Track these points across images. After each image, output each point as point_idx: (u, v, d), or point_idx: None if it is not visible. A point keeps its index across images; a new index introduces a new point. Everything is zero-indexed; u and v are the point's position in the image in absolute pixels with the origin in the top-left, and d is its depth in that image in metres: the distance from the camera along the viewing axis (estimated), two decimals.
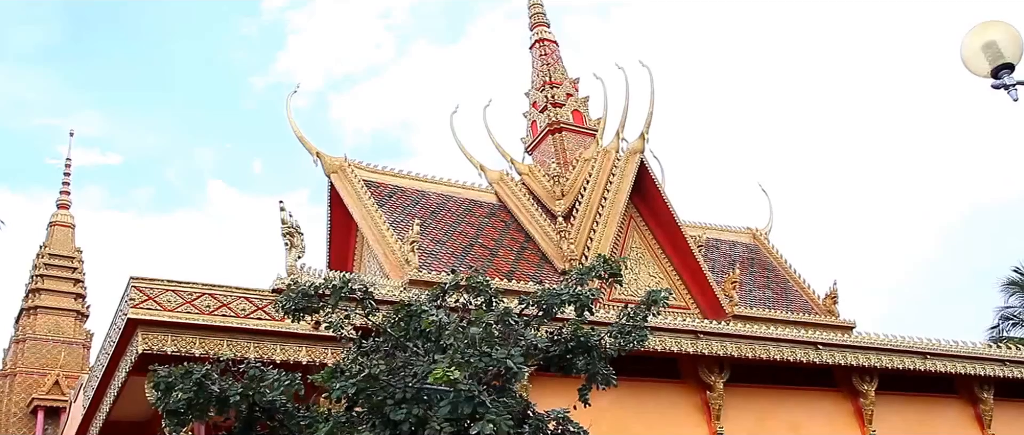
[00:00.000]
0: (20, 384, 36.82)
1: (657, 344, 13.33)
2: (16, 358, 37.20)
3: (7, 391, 36.71)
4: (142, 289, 10.73)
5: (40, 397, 36.19)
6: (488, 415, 6.58)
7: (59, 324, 38.47)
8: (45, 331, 38.02)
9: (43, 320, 38.15)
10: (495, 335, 7.78)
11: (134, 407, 11.85)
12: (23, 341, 37.45)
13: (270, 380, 7.50)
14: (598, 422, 8.62)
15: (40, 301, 38.30)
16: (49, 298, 38.67)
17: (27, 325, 37.70)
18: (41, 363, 37.35)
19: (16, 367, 37.01)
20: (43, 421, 35.89)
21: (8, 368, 37.25)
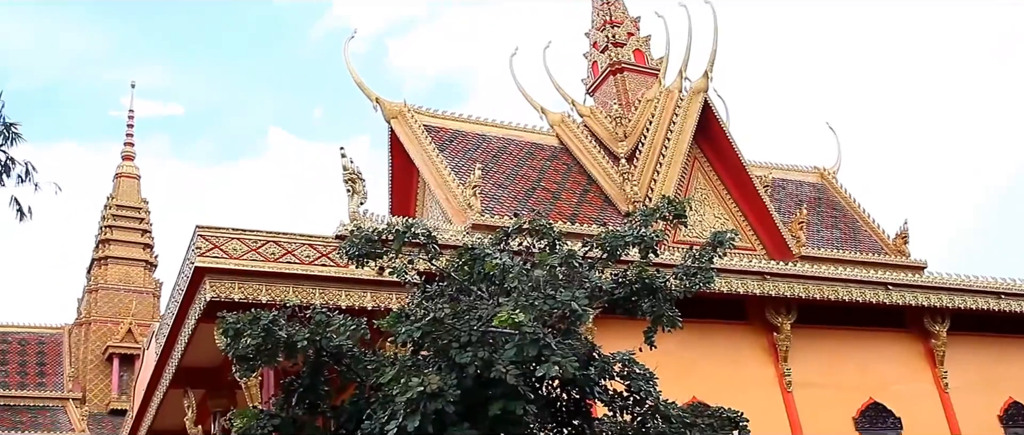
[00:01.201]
0: (95, 332, 38.07)
1: (723, 286, 13.14)
2: (90, 307, 38.42)
3: (83, 339, 37.99)
4: (208, 238, 10.85)
5: (114, 345, 37.38)
6: (553, 357, 6.52)
7: (129, 274, 39.56)
8: (116, 281, 39.14)
9: (114, 270, 39.26)
10: (559, 278, 7.70)
11: (205, 353, 12.09)
12: (96, 291, 38.63)
13: (336, 325, 7.53)
14: (664, 364, 8.50)
15: (110, 252, 39.39)
16: (118, 248, 39.73)
17: (99, 275, 38.85)
18: (114, 312, 38.52)
19: (90, 316, 38.24)
20: (118, 368, 37.12)
21: (83, 317, 38.51)
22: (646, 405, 7.86)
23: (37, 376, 36.66)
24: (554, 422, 7.99)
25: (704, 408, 8.27)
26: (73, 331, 38.81)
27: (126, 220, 40.20)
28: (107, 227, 39.75)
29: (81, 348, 37.87)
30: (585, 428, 8.03)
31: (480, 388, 6.76)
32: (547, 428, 7.98)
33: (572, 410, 7.99)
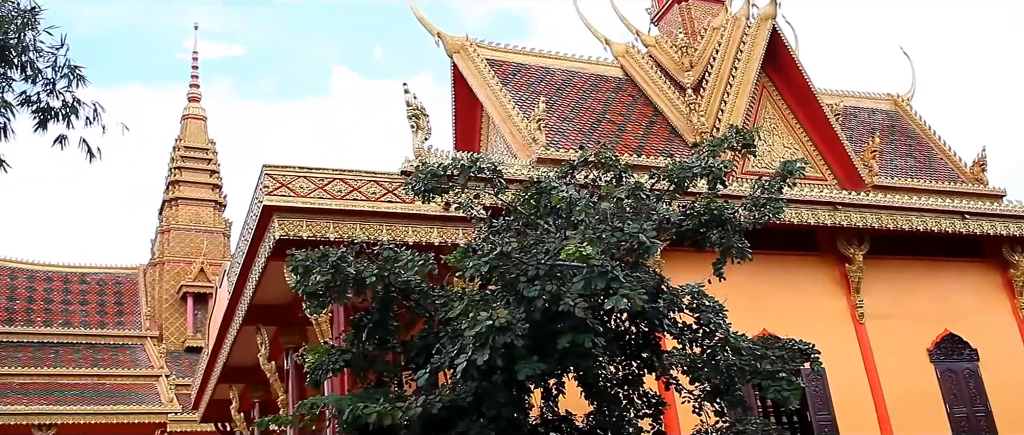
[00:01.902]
0: (169, 272, 39.17)
1: (793, 217, 12.88)
2: (163, 248, 39.49)
3: (158, 279, 39.13)
4: (275, 176, 10.95)
5: (188, 284, 38.44)
6: (622, 290, 6.45)
7: (199, 214, 40.45)
8: (187, 221, 40.08)
9: (184, 210, 40.17)
10: (626, 210, 7.59)
11: (275, 290, 12.30)
12: (168, 231, 39.64)
13: (404, 261, 7.56)
14: (733, 296, 8.38)
15: (180, 193, 40.27)
16: (188, 189, 40.58)
17: (170, 216, 39.83)
18: (186, 252, 39.53)
19: (164, 256, 39.32)
20: (192, 306, 38.20)
21: (157, 257, 39.62)
22: (716, 337, 7.78)
23: (116, 315, 37.96)
24: (623, 355, 7.97)
25: (774, 340, 8.15)
26: (148, 271, 39.99)
27: (194, 161, 41.00)
28: (176, 168, 40.61)
29: (156, 288, 39.04)
30: (654, 361, 8.00)
31: (548, 321, 6.75)
32: (616, 361, 7.97)
33: (641, 343, 7.96)
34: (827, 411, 12.98)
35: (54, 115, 8.92)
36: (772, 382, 7.54)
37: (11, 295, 37.09)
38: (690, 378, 8.06)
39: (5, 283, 37.54)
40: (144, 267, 40.39)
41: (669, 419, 9.25)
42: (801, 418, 12.86)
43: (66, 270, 39.39)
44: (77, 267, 39.83)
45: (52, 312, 37.03)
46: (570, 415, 8.08)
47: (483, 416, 6.87)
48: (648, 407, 8.22)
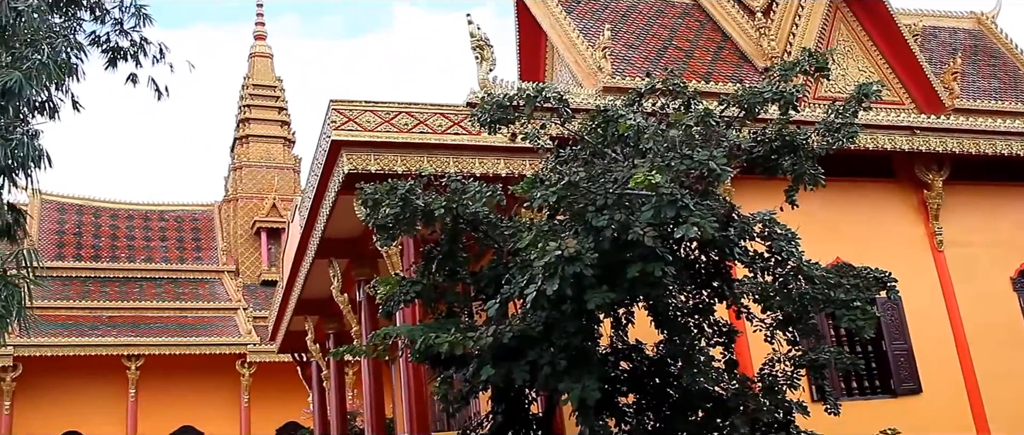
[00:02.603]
0: (242, 208, 40.08)
1: (868, 142, 12.51)
2: (236, 184, 40.37)
3: (232, 215, 40.11)
4: (342, 111, 11.01)
5: (261, 219, 39.32)
6: (692, 218, 6.38)
7: (269, 151, 41.15)
8: (258, 158, 40.83)
9: (255, 148, 40.90)
10: (695, 137, 7.48)
11: (346, 224, 12.47)
12: (240, 168, 40.46)
13: (472, 192, 7.58)
14: (806, 224, 8.23)
15: (250, 130, 40.95)
16: (258, 127, 41.23)
17: (241, 153, 40.60)
18: (258, 188, 40.35)
19: (237, 193, 40.21)
20: (266, 241, 39.13)
21: (230, 194, 40.55)
22: (788, 266, 7.69)
23: (194, 251, 39.11)
24: (693, 284, 7.93)
25: (849, 268, 8.01)
26: (222, 208, 41.00)
27: (263, 99, 41.57)
28: (246, 107, 41.25)
29: (231, 223, 40.04)
30: (725, 289, 7.94)
31: (617, 251, 6.72)
32: (686, 290, 7.93)
33: (711, 271, 7.90)
34: (903, 340, 12.77)
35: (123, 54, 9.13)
36: (846, 311, 7.43)
37: (96, 233, 38.46)
38: (762, 307, 8.00)
39: (90, 221, 38.91)
40: (219, 204, 41.43)
41: (740, 348, 9.20)
42: (876, 347, 12.68)
43: (146, 208, 40.64)
44: (156, 205, 41.05)
45: (134, 248, 38.33)
46: (640, 344, 8.10)
47: (553, 345, 6.93)
48: (719, 336, 8.20)
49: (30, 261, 8.28)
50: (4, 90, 7.92)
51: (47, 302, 33.18)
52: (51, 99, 8.97)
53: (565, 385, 6.79)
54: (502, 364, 7.10)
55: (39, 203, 38.08)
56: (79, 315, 33.22)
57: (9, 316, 7.64)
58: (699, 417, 7.70)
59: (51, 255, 36.01)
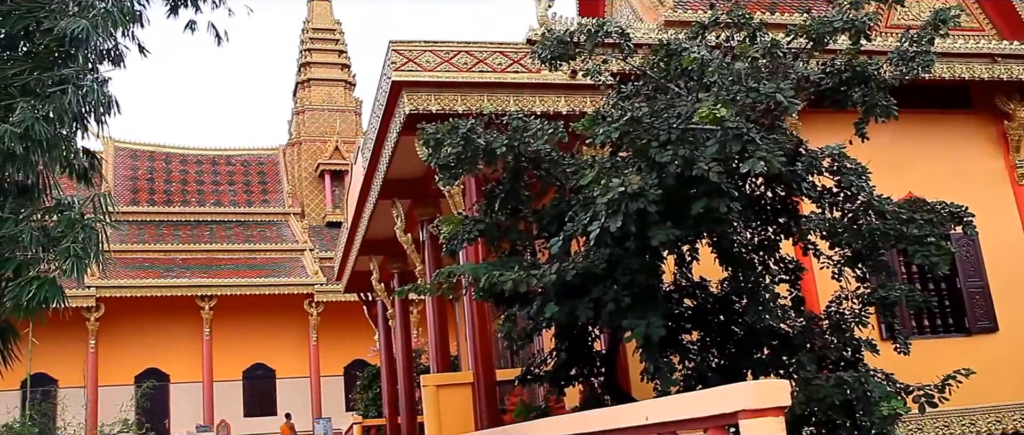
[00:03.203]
0: (306, 151, 40.63)
1: (945, 71, 12.06)
2: (299, 128, 40.88)
3: (296, 158, 40.70)
4: (401, 52, 11.00)
5: (324, 162, 39.83)
6: (758, 153, 6.24)
7: (331, 94, 41.47)
8: (320, 102, 41.20)
9: (317, 91, 41.25)
10: (761, 70, 7.30)
11: (408, 165, 12.55)
12: (303, 112, 40.92)
13: (533, 130, 7.53)
14: (876, 158, 8.00)
15: (312, 74, 41.27)
16: (319, 70, 41.52)
17: (303, 97, 41.02)
18: (320, 131, 40.80)
19: (300, 136, 40.74)
20: (330, 183, 39.67)
21: (294, 137, 41.09)
22: (857, 201, 7.50)
23: (261, 193, 39.86)
24: (759, 220, 7.80)
25: (922, 203, 7.79)
26: (286, 151, 41.62)
27: (323, 42, 41.78)
28: (306, 50, 41.53)
29: (295, 166, 40.65)
30: (791, 225, 7.81)
31: (682, 187, 6.63)
32: (751, 226, 7.82)
33: (777, 207, 7.76)
34: (979, 277, 12.44)
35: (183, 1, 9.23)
36: (919, 246, 7.25)
37: (167, 178, 39.42)
38: (830, 243, 7.85)
39: (161, 167, 39.87)
40: (283, 147, 42.05)
41: (807, 285, 9.07)
42: (950, 284, 12.38)
43: (213, 153, 41.46)
44: (223, 150, 41.84)
45: (204, 192, 39.23)
46: (704, 281, 8.04)
47: (617, 282, 6.90)
48: (785, 273, 8.08)
49: (106, 205, 8.51)
50: (72, 38, 8.07)
51: (124, 245, 34.25)
52: (117, 46, 9.12)
53: (629, 322, 6.78)
54: (565, 301, 7.12)
55: (112, 150, 39.09)
56: (154, 258, 34.26)
57: (87, 258, 7.89)
58: (764, 354, 7.64)
59: (126, 200, 37.05)
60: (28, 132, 7.66)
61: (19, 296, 7.39)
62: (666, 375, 6.94)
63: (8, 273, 7.57)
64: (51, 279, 7.67)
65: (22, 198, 8.38)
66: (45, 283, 7.53)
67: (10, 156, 7.59)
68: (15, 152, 7.57)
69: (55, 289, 7.60)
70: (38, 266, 7.81)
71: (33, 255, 7.79)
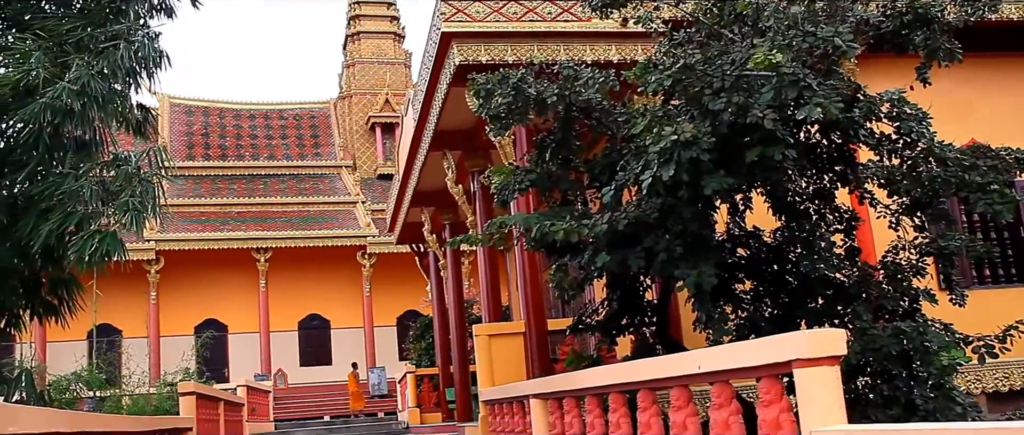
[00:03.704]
0: (356, 104, 40.84)
1: (1013, 11, 11.62)
2: (350, 81, 41.06)
3: (347, 111, 40.94)
4: (451, 3, 10.94)
5: (375, 115, 40.02)
6: (815, 99, 6.12)
7: (380, 47, 41.50)
8: (370, 55, 41.28)
9: (366, 44, 41.31)
10: (819, 13, 7.10)
11: (458, 116, 12.56)
12: (353, 65, 41.06)
13: (584, 79, 7.46)
14: (938, 104, 7.78)
15: (361, 27, 41.31)
16: (368, 23, 41.54)
17: (353, 50, 41.13)
18: (370, 84, 40.94)
19: (351, 90, 40.94)
20: (381, 135, 39.89)
21: (345, 91, 41.32)
22: (917, 147, 7.31)
23: (313, 147, 40.26)
24: (814, 168, 7.67)
25: (985, 150, 7.55)
26: (337, 104, 41.90)
27: None
28: (356, 3, 41.52)
29: (346, 119, 40.93)
30: (848, 174, 7.66)
31: (735, 134, 6.53)
32: (806, 175, 7.68)
33: (833, 155, 7.61)
34: None
35: None
36: (982, 194, 7.06)
37: (222, 133, 39.98)
38: (887, 191, 7.68)
39: (215, 122, 40.43)
40: (334, 101, 42.34)
41: (862, 235, 8.90)
42: (1014, 234, 12.07)
43: (266, 107, 41.92)
44: (275, 104, 42.27)
45: (257, 147, 39.75)
46: (758, 230, 7.95)
47: (669, 232, 6.86)
48: (840, 222, 7.95)
49: (160, 158, 8.67)
50: None
51: (181, 200, 34.93)
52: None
53: (681, 271, 6.75)
54: (617, 251, 7.10)
55: (168, 106, 39.71)
56: (210, 211, 34.91)
57: (145, 211, 8.06)
58: (818, 304, 7.55)
59: (182, 155, 37.69)
60: (84, 88, 7.80)
61: (81, 249, 7.57)
62: (718, 324, 6.92)
63: (71, 227, 7.75)
64: (111, 233, 7.84)
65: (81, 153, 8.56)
66: (106, 237, 7.70)
67: (68, 113, 7.74)
68: (73, 109, 7.71)
69: (115, 242, 7.77)
70: (98, 220, 7.98)
71: (94, 209, 7.95)
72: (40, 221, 7.76)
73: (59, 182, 7.94)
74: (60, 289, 9.01)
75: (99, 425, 6.80)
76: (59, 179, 8.01)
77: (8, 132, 8.57)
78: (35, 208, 7.98)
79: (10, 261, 8.17)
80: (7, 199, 8.17)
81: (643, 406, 6.14)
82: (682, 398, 5.61)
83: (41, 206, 7.96)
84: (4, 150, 8.50)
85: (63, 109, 7.72)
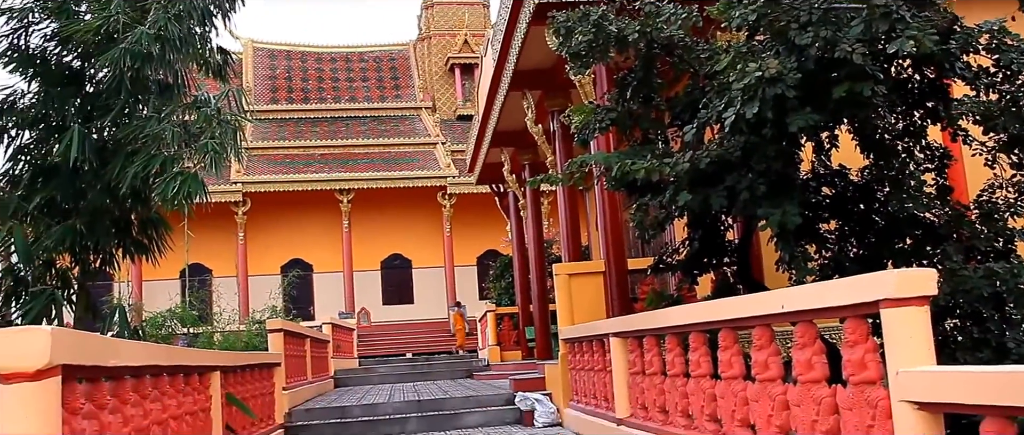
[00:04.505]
0: (435, 46, 40.90)
1: None
2: (428, 23, 41.10)
3: (426, 53, 41.06)
4: None
5: (454, 56, 40.08)
6: (908, 31, 5.90)
7: None
8: None
9: None
10: None
11: (538, 55, 12.50)
12: (431, 7, 41.04)
13: (666, 15, 7.33)
14: None
15: None
16: None
17: None
18: (449, 25, 40.90)
19: (429, 31, 40.99)
20: (460, 76, 39.96)
21: (423, 33, 41.39)
22: (1018, 81, 7.01)
23: (393, 89, 40.59)
24: (904, 104, 7.41)
25: None
26: (416, 46, 42.04)
27: None
28: None
29: (425, 61, 41.08)
30: (940, 110, 7.39)
31: (822, 70, 6.36)
32: (896, 111, 7.44)
33: (926, 91, 7.34)
34: None
35: None
36: None
37: (304, 76, 40.60)
38: (983, 128, 7.40)
39: (297, 66, 41.04)
40: (413, 42, 42.49)
41: (954, 173, 8.62)
42: None
43: (347, 50, 42.34)
44: (355, 47, 42.65)
45: (339, 89, 40.27)
46: (844, 169, 7.77)
47: (752, 170, 6.76)
48: (931, 161, 7.70)
49: (239, 100, 8.81)
50: None
51: (265, 143, 35.73)
52: None
53: (764, 210, 6.65)
54: (698, 190, 7.03)
55: (252, 51, 40.42)
56: (294, 154, 35.66)
57: (225, 153, 8.24)
58: (907, 244, 7.37)
59: (266, 99, 38.45)
60: (161, 33, 7.98)
61: (164, 191, 7.78)
62: (802, 264, 6.83)
63: (154, 169, 7.96)
64: (193, 174, 7.97)
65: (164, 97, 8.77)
66: (187, 178, 7.86)
67: (147, 57, 7.94)
68: (151, 53, 7.90)
69: (197, 183, 7.90)
70: (181, 162, 8.18)
71: (176, 152, 8.14)
72: (126, 164, 7.93)
73: (143, 125, 8.11)
74: (149, 229, 9.28)
75: (194, 359, 7.09)
76: (143, 122, 8.18)
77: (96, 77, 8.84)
78: (122, 151, 8.20)
79: (102, 202, 8.41)
80: (97, 143, 8.45)
81: (724, 345, 6.14)
82: (764, 338, 5.59)
83: (127, 149, 8.18)
84: (93, 95, 8.77)
85: (142, 53, 7.92)
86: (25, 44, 8.62)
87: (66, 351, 3.91)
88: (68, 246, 8.32)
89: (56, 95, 8.53)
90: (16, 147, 8.69)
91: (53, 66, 8.72)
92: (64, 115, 8.56)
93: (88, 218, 8.35)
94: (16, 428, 3.61)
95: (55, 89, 8.57)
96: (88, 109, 8.61)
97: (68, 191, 8.41)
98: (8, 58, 8.57)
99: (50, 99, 8.53)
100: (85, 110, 8.59)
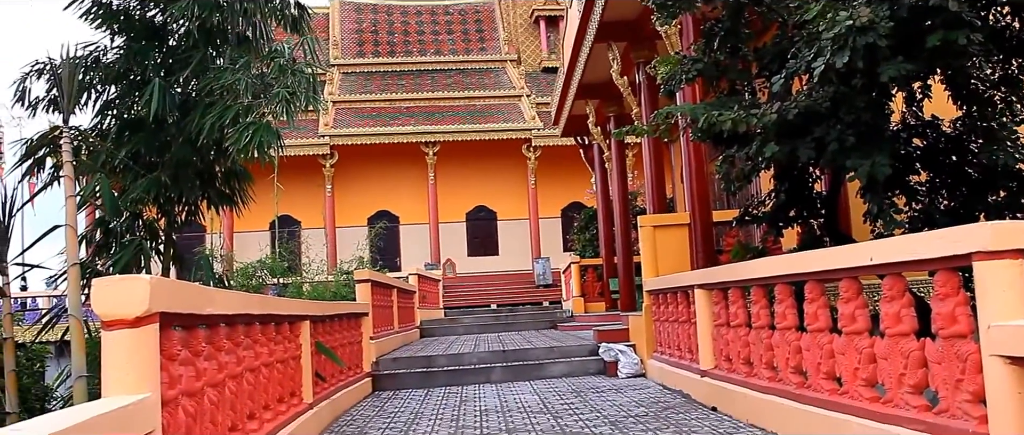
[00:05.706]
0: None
1: None
2: None
3: (511, 5, 40.96)
4: None
5: (539, 8, 39.90)
6: None
7: None
8: None
9: None
10: None
11: (623, 6, 12.44)
12: None
13: None
14: None
15: None
16: None
17: None
18: None
19: None
20: (545, 28, 39.80)
21: None
22: None
23: (478, 42, 40.67)
24: (1001, 53, 7.19)
25: None
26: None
27: None
28: None
29: (510, 13, 40.99)
30: None
31: (916, 18, 6.22)
32: (992, 60, 7.23)
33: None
34: None
35: None
36: None
37: (390, 29, 40.99)
38: None
39: (383, 19, 41.43)
40: None
41: None
42: None
43: (432, 3, 42.51)
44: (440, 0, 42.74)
45: (424, 42, 40.55)
46: (936, 120, 7.60)
47: (840, 121, 6.68)
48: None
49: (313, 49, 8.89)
50: None
51: (353, 96, 36.34)
52: None
53: (853, 162, 6.58)
54: (786, 141, 6.99)
55: (338, 5, 40.94)
56: (381, 107, 36.20)
57: (298, 100, 8.33)
58: (1000, 197, 7.19)
59: (352, 52, 39.00)
60: None
61: (237, 140, 7.92)
62: (891, 216, 6.74)
63: (229, 119, 8.02)
64: (265, 124, 8.04)
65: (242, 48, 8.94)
66: (260, 127, 7.91)
67: (216, 6, 8.09)
68: (220, 2, 8.06)
69: (270, 133, 7.96)
70: (255, 112, 8.31)
71: (250, 102, 8.19)
72: (204, 115, 8.07)
73: (218, 77, 8.21)
74: (232, 180, 9.47)
75: (285, 308, 7.26)
76: (219, 74, 8.29)
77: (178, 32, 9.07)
78: (201, 103, 8.38)
79: (186, 155, 8.54)
80: (180, 96, 8.67)
81: (810, 297, 6.15)
82: (852, 290, 5.59)
83: (206, 101, 8.32)
84: (173, 49, 9.01)
85: (210, 3, 8.07)
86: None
87: (164, 299, 4.06)
88: (153, 198, 8.56)
89: (138, 50, 8.78)
90: (103, 102, 9.01)
91: (136, 21, 8.98)
92: (145, 69, 8.80)
93: (172, 170, 8.56)
94: (117, 373, 3.80)
95: (138, 44, 8.82)
96: (169, 63, 8.84)
97: (152, 144, 8.66)
98: (94, 14, 8.87)
99: (132, 54, 8.79)
100: (166, 64, 8.83)
